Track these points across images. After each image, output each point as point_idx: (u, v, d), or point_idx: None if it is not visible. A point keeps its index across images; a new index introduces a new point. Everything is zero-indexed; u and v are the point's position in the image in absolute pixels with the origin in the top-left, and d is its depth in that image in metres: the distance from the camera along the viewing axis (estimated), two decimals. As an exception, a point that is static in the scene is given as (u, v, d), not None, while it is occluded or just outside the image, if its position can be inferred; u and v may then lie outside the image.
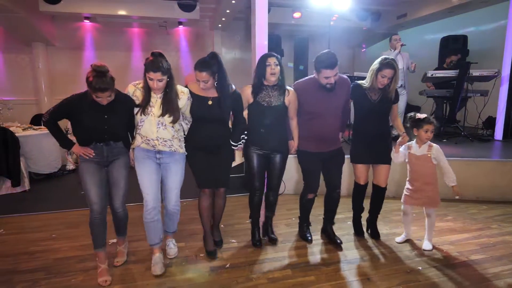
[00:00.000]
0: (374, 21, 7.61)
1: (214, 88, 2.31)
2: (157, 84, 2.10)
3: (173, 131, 2.23)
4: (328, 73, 2.30)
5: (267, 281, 2.15)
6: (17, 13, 5.82)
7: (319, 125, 2.44)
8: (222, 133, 2.38)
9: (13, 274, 2.24)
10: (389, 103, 2.53)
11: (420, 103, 6.80)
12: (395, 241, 2.70)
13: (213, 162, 2.38)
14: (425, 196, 2.51)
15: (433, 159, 2.49)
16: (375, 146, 2.57)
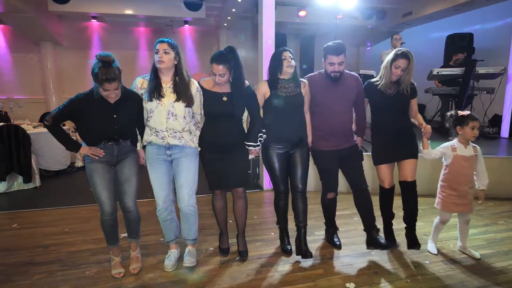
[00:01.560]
0: (379, 19, 7.61)
1: (228, 83, 2.24)
2: (163, 55, 2.02)
3: (184, 122, 2.13)
4: (333, 59, 2.27)
5: (276, 274, 2.20)
6: (27, 13, 5.92)
7: (328, 117, 2.38)
8: (236, 130, 2.29)
9: (30, 266, 2.31)
10: (405, 97, 2.37)
11: (425, 101, 6.80)
12: (431, 252, 2.47)
13: (227, 162, 2.28)
14: (470, 200, 2.31)
15: (478, 160, 2.32)
16: (397, 143, 2.41)
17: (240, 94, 2.22)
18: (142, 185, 2.30)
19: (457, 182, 2.31)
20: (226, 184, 2.35)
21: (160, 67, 2.06)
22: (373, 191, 2.62)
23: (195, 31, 8.26)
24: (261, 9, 3.88)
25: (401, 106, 2.40)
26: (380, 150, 2.48)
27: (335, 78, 2.33)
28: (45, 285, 2.10)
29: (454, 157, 2.31)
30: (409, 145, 2.43)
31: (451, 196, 2.32)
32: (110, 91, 1.96)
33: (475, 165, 2.31)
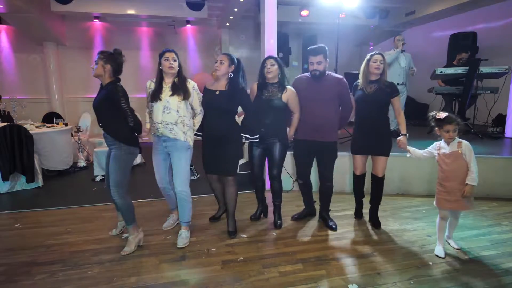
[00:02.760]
0: (382, 19, 7.56)
1: (226, 81, 2.63)
2: (171, 63, 2.46)
3: (177, 115, 2.48)
4: (312, 59, 2.69)
5: (278, 275, 2.19)
6: (30, 13, 5.93)
7: (310, 112, 2.73)
8: (226, 123, 2.62)
9: (32, 266, 2.31)
10: (384, 95, 2.67)
11: (428, 100, 6.77)
12: (435, 254, 2.43)
13: (218, 151, 2.64)
14: (460, 197, 2.32)
15: (464, 155, 2.32)
16: (371, 138, 2.72)
17: (234, 92, 2.58)
18: (143, 186, 2.30)
19: (444, 179, 2.40)
20: (216, 170, 2.74)
21: (171, 72, 2.50)
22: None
23: (197, 31, 8.26)
24: (263, 9, 3.88)
25: (378, 103, 2.68)
26: (356, 142, 2.83)
27: (315, 76, 2.71)
28: (47, 285, 2.10)
29: (438, 155, 2.45)
30: (381, 142, 2.73)
31: (442, 193, 2.42)
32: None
33: (463, 161, 2.32)
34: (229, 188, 2.71)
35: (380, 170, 2.79)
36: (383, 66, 2.66)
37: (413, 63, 5.06)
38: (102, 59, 2.39)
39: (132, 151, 2.44)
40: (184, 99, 2.49)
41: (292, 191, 3.91)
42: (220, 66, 2.61)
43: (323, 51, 2.69)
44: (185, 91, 2.50)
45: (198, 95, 2.61)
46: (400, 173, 3.74)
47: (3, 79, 7.35)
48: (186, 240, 2.61)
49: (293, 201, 3.58)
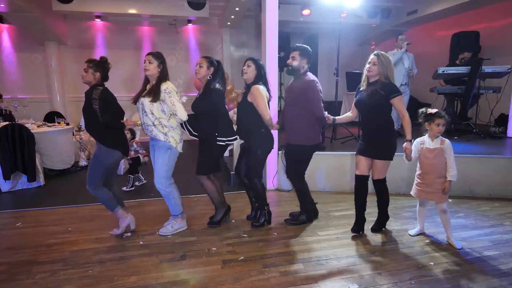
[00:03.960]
0: (384, 18, 7.54)
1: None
2: (148, 65, 2.55)
3: (153, 118, 2.57)
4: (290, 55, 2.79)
5: (279, 275, 2.18)
6: (32, 12, 5.94)
7: (284, 113, 2.92)
8: (202, 125, 2.73)
9: (33, 265, 2.32)
10: (377, 98, 2.53)
11: (430, 100, 6.73)
12: (409, 233, 2.74)
13: (199, 150, 2.81)
14: (437, 189, 2.51)
15: (445, 152, 2.51)
16: (369, 141, 2.67)
17: (205, 93, 2.67)
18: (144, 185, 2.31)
19: (423, 172, 2.57)
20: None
21: (146, 74, 2.62)
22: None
23: (199, 30, 8.25)
24: (264, 8, 3.86)
25: (373, 105, 2.58)
26: (359, 143, 2.79)
27: (288, 70, 2.86)
28: (48, 284, 2.10)
29: (421, 150, 2.59)
30: (379, 146, 2.63)
31: (420, 184, 2.60)
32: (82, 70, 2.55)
33: (443, 157, 2.51)
34: (203, 185, 2.83)
35: (376, 173, 2.68)
36: (376, 68, 2.54)
37: (415, 64, 5.06)
38: (92, 67, 2.53)
39: (111, 152, 2.57)
40: (153, 102, 2.52)
41: (293, 191, 3.90)
42: (199, 70, 2.69)
43: (300, 49, 2.73)
44: (154, 94, 2.53)
45: (171, 98, 2.54)
46: (400, 173, 3.72)
47: (5, 79, 7.37)
48: (169, 230, 2.75)
49: (294, 201, 3.56)
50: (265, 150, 2.83)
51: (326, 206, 3.43)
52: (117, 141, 2.61)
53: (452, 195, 3.57)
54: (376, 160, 2.66)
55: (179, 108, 2.57)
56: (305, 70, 2.76)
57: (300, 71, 2.75)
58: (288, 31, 7.04)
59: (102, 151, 2.57)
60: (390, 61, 2.57)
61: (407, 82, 4.99)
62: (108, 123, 2.51)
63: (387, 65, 2.54)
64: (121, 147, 2.63)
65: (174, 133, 2.64)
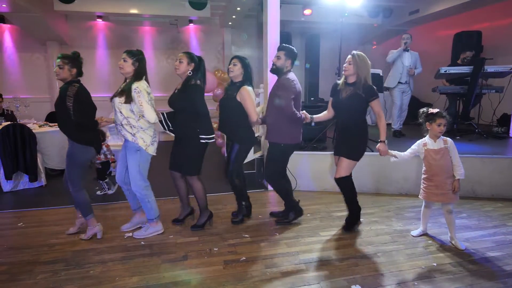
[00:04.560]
0: (386, 17, 7.52)
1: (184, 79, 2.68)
2: (122, 63, 2.50)
3: (122, 117, 2.51)
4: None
5: (281, 275, 2.17)
6: (33, 12, 5.95)
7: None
8: (181, 121, 2.66)
9: (35, 265, 2.31)
10: (358, 101, 2.56)
11: (432, 100, 6.71)
12: (411, 234, 2.73)
13: (177, 149, 2.77)
14: (447, 189, 2.47)
15: (450, 151, 2.49)
16: (340, 139, 2.74)
17: (183, 89, 2.63)
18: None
19: (432, 173, 2.52)
20: (175, 168, 2.81)
21: (120, 72, 2.56)
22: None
23: (200, 30, 8.25)
24: (266, 8, 3.86)
25: (351, 108, 2.61)
26: (334, 142, 2.82)
27: (272, 69, 2.80)
28: (50, 284, 2.10)
29: (425, 152, 2.55)
30: (347, 144, 2.67)
31: (430, 187, 2.53)
32: (56, 67, 2.48)
33: (448, 156, 2.49)
34: (192, 186, 2.78)
35: (338, 171, 2.68)
36: (351, 67, 2.55)
37: (419, 62, 5.03)
38: (68, 63, 2.47)
39: (84, 150, 2.53)
40: (124, 102, 2.47)
41: (295, 190, 3.89)
42: (179, 65, 2.63)
43: (286, 49, 2.74)
44: (126, 94, 2.47)
45: (139, 98, 2.46)
46: (403, 173, 3.71)
47: (7, 79, 7.38)
48: (143, 234, 2.69)
49: (296, 201, 3.56)
50: (246, 146, 2.85)
51: (328, 207, 3.42)
52: (90, 138, 2.56)
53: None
54: (343, 158, 2.67)
55: (146, 109, 2.47)
56: (288, 70, 2.76)
57: (283, 71, 2.75)
58: (289, 31, 7.02)
59: (76, 149, 2.51)
60: (366, 61, 2.57)
61: (407, 80, 4.97)
62: (80, 123, 2.45)
63: (362, 65, 2.54)
64: (94, 144, 2.59)
65: (143, 134, 2.56)
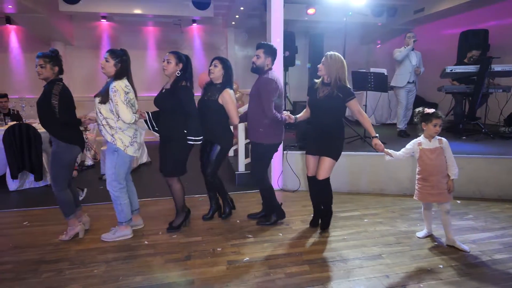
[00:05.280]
0: (390, 16, 7.46)
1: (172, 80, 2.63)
2: (104, 63, 2.47)
3: (101, 117, 2.49)
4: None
5: (284, 276, 2.16)
6: (38, 13, 5.99)
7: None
8: (168, 123, 2.63)
9: (40, 264, 2.33)
10: (335, 101, 2.56)
11: (437, 99, 6.65)
12: (416, 236, 2.70)
13: (162, 149, 2.74)
14: (443, 189, 2.47)
15: (444, 151, 2.49)
16: (319, 140, 2.69)
17: (171, 90, 2.58)
18: (149, 184, 2.31)
19: (428, 173, 2.50)
20: (160, 170, 2.76)
21: (102, 72, 2.52)
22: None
23: (203, 30, 8.26)
24: (269, 7, 3.84)
25: (328, 108, 2.61)
26: (309, 142, 2.81)
27: (252, 68, 2.75)
28: (54, 283, 2.11)
29: (420, 151, 2.53)
30: (329, 144, 2.65)
31: (425, 187, 2.52)
32: (37, 66, 2.45)
33: (443, 156, 2.48)
34: (171, 187, 2.74)
35: (320, 171, 2.65)
36: (323, 67, 2.58)
37: (422, 62, 5.01)
38: (49, 62, 2.45)
39: (70, 148, 2.52)
40: (101, 103, 2.45)
41: (298, 191, 3.88)
42: (167, 66, 2.58)
43: (265, 47, 2.70)
44: (102, 94, 2.46)
45: (115, 97, 2.41)
46: (408, 173, 3.67)
47: (13, 79, 7.45)
48: (109, 237, 2.65)
49: (300, 201, 3.55)
50: (224, 147, 2.83)
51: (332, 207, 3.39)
52: (75, 136, 2.57)
53: (460, 196, 3.52)
54: (324, 158, 2.64)
55: (122, 109, 2.41)
56: (269, 68, 2.73)
57: (263, 69, 2.71)
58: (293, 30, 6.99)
59: (61, 148, 2.50)
60: (341, 62, 2.56)
61: (414, 80, 4.94)
62: (65, 120, 2.46)
63: (334, 65, 2.54)
64: (79, 142, 2.60)
65: (122, 135, 2.52)
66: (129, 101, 2.47)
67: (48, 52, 2.49)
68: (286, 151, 3.84)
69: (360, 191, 3.74)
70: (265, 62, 2.70)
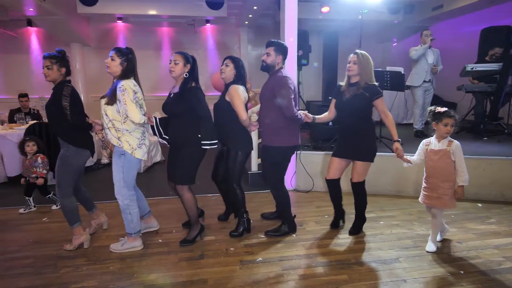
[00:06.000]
0: (407, 14, 7.28)
1: (180, 82, 2.49)
2: (109, 62, 2.34)
3: (107, 120, 2.35)
4: (264, 51, 2.64)
5: (298, 278, 2.13)
6: (58, 15, 6.16)
7: (259, 114, 2.75)
8: (179, 128, 2.46)
9: (58, 260, 2.38)
10: (362, 101, 2.48)
11: (457, 99, 6.45)
12: (427, 250, 2.46)
13: (172, 156, 2.55)
14: (441, 194, 2.35)
15: (452, 155, 2.34)
16: (349, 142, 2.59)
17: (180, 93, 2.43)
18: (162, 183, 2.31)
19: (428, 175, 2.42)
20: (169, 177, 2.61)
21: (106, 71, 2.38)
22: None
23: (216, 30, 8.29)
24: (283, 6, 3.81)
25: (355, 109, 2.52)
26: (336, 144, 2.73)
27: (262, 67, 2.65)
28: (72, 278, 2.15)
29: (426, 151, 2.45)
30: (359, 146, 2.56)
31: (425, 189, 2.45)
32: (44, 68, 2.37)
33: (449, 159, 2.35)
34: (182, 197, 2.53)
35: (355, 175, 2.59)
36: (356, 67, 2.47)
37: (440, 60, 4.86)
38: (57, 63, 2.36)
39: (80, 152, 2.43)
40: (108, 104, 2.31)
41: (312, 191, 3.83)
42: (175, 67, 2.43)
43: (275, 45, 2.58)
44: (109, 96, 2.32)
45: (124, 96, 2.27)
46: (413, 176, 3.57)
47: (34, 79, 7.69)
48: (118, 248, 2.47)
49: (313, 202, 3.51)
50: (243, 151, 2.66)
51: (346, 209, 3.32)
52: (86, 140, 2.49)
53: (482, 199, 3.40)
54: (357, 162, 2.57)
55: (131, 108, 2.27)
56: (280, 67, 2.62)
57: (274, 68, 2.60)
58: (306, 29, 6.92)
59: (71, 152, 2.40)
60: (370, 61, 2.50)
61: (431, 79, 4.81)
62: (77, 123, 2.38)
63: (366, 64, 2.48)
64: (90, 147, 2.52)
65: (129, 137, 2.37)
66: (137, 101, 2.34)
67: (55, 53, 2.38)
68: (300, 151, 3.80)
69: (376, 192, 3.66)
70: (276, 60, 2.59)
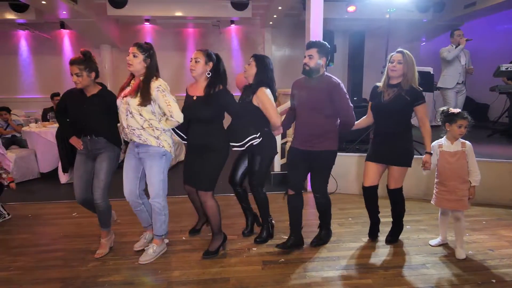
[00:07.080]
0: (437, 12, 7.01)
1: (204, 83, 2.33)
2: (132, 59, 2.17)
3: (142, 120, 2.18)
4: (305, 53, 2.42)
5: (321, 280, 2.11)
6: (89, 18, 6.44)
7: (299, 122, 2.49)
8: (205, 133, 2.33)
9: (86, 253, 2.48)
10: (402, 104, 2.34)
11: (489, 100, 6.15)
12: (429, 244, 2.55)
13: (194, 161, 2.40)
14: (462, 196, 2.30)
15: (467, 155, 2.32)
16: (386, 146, 2.45)
17: (210, 96, 2.27)
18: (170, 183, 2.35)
19: (445, 178, 2.36)
20: (190, 182, 2.51)
21: (130, 70, 2.23)
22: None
23: (241, 30, 8.35)
24: (308, 6, 3.78)
25: (395, 112, 2.39)
26: (371, 148, 2.56)
27: (304, 71, 2.40)
28: (99, 272, 2.23)
29: (440, 153, 2.39)
30: (396, 151, 2.43)
31: (442, 192, 2.38)
32: (73, 75, 2.24)
33: (465, 160, 2.32)
34: (204, 204, 2.38)
35: (392, 181, 2.45)
36: (401, 67, 2.31)
37: (470, 61, 4.65)
38: (86, 69, 2.24)
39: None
40: (141, 105, 2.15)
41: (335, 193, 3.77)
42: (195, 66, 2.27)
43: (317, 46, 2.36)
44: (144, 96, 2.15)
45: (165, 97, 2.19)
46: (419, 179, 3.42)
47: (66, 79, 8.07)
48: (150, 256, 2.35)
49: (337, 204, 3.43)
50: (268, 155, 2.54)
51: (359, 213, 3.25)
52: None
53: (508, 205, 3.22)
54: (393, 167, 2.43)
55: (175, 108, 2.19)
56: (324, 71, 2.42)
57: (318, 72, 2.38)
58: (332, 29, 6.82)
59: (117, 153, 2.40)
60: (414, 61, 2.35)
61: (464, 80, 4.60)
62: (117, 125, 2.38)
63: (412, 64, 2.33)
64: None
65: (166, 136, 2.29)
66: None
67: (81, 58, 2.26)
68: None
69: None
70: (320, 63, 2.36)
